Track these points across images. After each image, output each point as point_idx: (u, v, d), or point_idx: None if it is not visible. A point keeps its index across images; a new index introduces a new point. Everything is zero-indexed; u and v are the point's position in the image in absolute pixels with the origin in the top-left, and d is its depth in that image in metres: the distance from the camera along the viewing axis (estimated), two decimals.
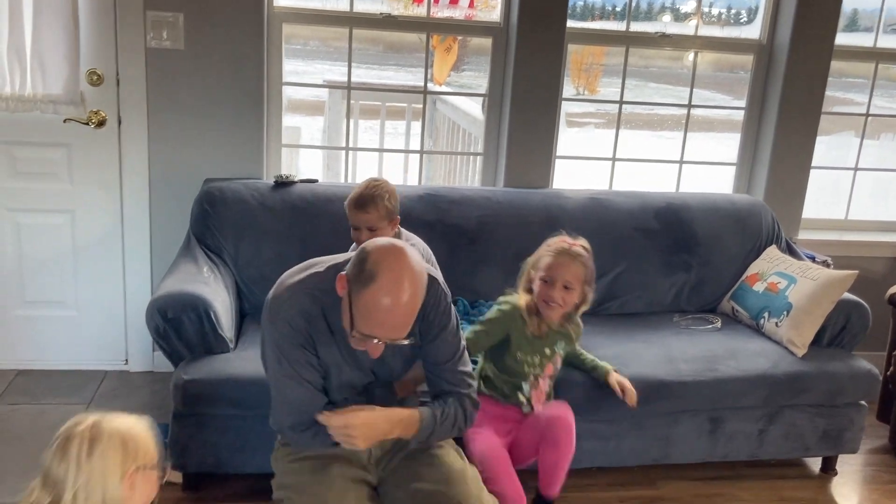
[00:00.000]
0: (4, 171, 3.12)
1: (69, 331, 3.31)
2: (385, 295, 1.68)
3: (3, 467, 2.62)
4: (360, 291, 1.70)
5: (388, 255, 1.71)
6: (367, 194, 2.53)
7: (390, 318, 1.71)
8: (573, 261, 2.32)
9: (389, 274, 1.68)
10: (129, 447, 1.45)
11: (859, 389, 2.81)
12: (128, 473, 1.44)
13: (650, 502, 2.71)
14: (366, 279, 1.69)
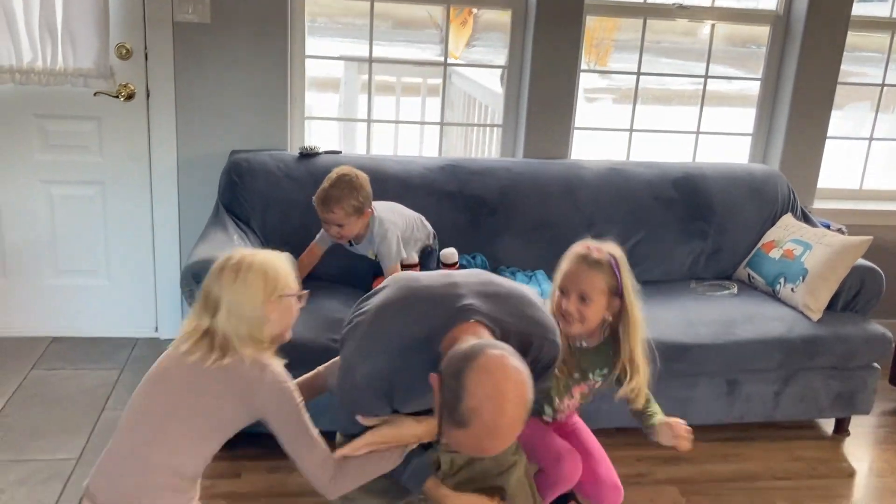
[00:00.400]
0: (37, 143, 3.20)
1: (101, 299, 3.40)
2: (478, 441, 1.55)
3: (43, 426, 2.73)
4: (450, 428, 1.56)
5: (488, 403, 1.50)
6: (333, 195, 2.58)
7: (487, 451, 1.62)
8: (591, 268, 2.03)
9: (487, 423, 1.51)
10: (270, 277, 1.71)
11: (873, 352, 2.88)
12: (269, 299, 1.69)
13: (667, 462, 2.79)
14: (458, 422, 1.52)
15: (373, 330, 1.73)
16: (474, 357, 1.53)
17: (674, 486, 2.66)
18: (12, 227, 3.26)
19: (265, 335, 1.71)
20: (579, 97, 3.55)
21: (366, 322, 1.74)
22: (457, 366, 1.53)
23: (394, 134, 4.35)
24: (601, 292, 2.02)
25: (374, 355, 1.71)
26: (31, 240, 3.29)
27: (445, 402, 1.55)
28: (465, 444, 1.58)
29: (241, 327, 1.67)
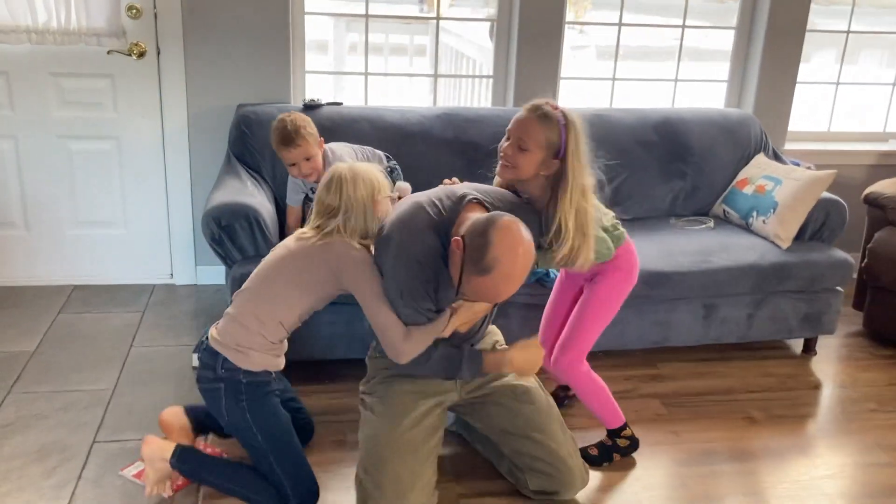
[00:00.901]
0: (54, 101, 3.37)
1: (119, 248, 3.61)
2: (495, 286, 1.89)
3: (78, 361, 2.95)
4: (473, 276, 1.88)
5: (509, 253, 1.86)
6: (291, 130, 2.76)
7: (499, 296, 1.95)
8: (536, 120, 2.11)
9: (505, 270, 1.86)
10: (375, 182, 2.15)
11: (836, 276, 3.15)
12: (375, 198, 2.13)
13: (651, 379, 3.07)
14: (483, 269, 1.86)
15: (402, 234, 2.03)
16: (497, 219, 1.90)
17: (657, 399, 2.93)
18: (33, 182, 3.45)
19: (372, 229, 2.14)
20: (565, 51, 3.75)
21: (393, 231, 2.04)
22: (483, 226, 1.89)
23: (385, 90, 4.53)
24: (538, 145, 2.10)
25: (412, 263, 2.01)
26: (51, 193, 3.48)
27: (470, 256, 1.89)
28: (484, 289, 1.91)
29: (358, 222, 2.11)
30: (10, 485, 2.27)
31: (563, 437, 2.30)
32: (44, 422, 2.57)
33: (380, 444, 2.16)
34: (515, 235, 1.88)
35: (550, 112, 2.12)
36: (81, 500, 2.22)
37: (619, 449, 2.54)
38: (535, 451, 2.25)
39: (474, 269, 1.88)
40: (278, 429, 2.20)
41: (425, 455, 2.17)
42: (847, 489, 2.46)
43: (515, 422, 2.27)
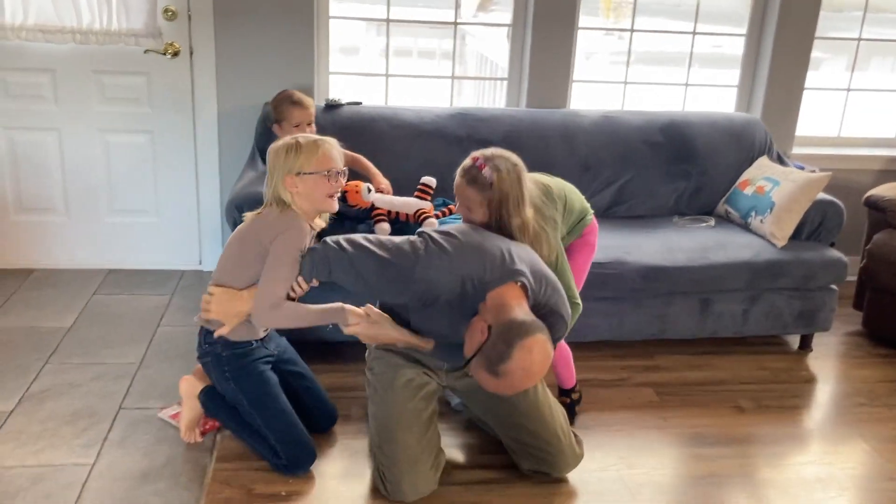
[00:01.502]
0: (95, 97, 3.62)
1: (151, 236, 3.85)
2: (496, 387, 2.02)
3: (110, 338, 3.18)
4: (482, 370, 2.00)
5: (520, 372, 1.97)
6: (300, 94, 3.11)
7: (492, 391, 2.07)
8: (468, 185, 2.28)
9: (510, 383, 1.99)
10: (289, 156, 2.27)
11: (830, 274, 3.26)
12: (288, 175, 2.25)
13: (646, 370, 3.20)
14: (493, 372, 1.98)
15: (453, 252, 2.15)
16: (526, 337, 1.97)
17: (650, 388, 3.06)
18: (75, 172, 3.70)
19: (295, 203, 2.28)
20: (579, 55, 3.90)
21: (450, 244, 2.16)
22: (511, 337, 1.97)
23: (414, 93, 4.71)
24: (478, 204, 2.27)
25: (441, 270, 2.14)
26: (90, 183, 3.73)
27: (488, 354, 1.99)
28: (486, 384, 2.03)
29: (271, 192, 2.29)
30: (44, 442, 2.49)
31: (552, 419, 2.41)
32: (76, 390, 2.80)
33: (386, 419, 2.34)
34: (534, 360, 1.97)
35: (478, 175, 2.26)
36: (106, 459, 2.43)
37: (574, 403, 2.80)
38: (524, 437, 2.40)
39: (486, 365, 1.99)
40: (262, 394, 2.40)
41: (427, 421, 2.35)
42: (825, 474, 2.58)
43: (503, 407, 2.41)
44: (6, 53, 3.48)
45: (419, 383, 2.38)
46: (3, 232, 3.74)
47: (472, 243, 2.18)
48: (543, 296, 2.19)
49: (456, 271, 2.14)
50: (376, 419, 2.38)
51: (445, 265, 2.14)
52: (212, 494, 2.31)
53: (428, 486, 2.33)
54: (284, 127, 3.11)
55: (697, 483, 2.50)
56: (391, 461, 2.30)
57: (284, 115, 3.10)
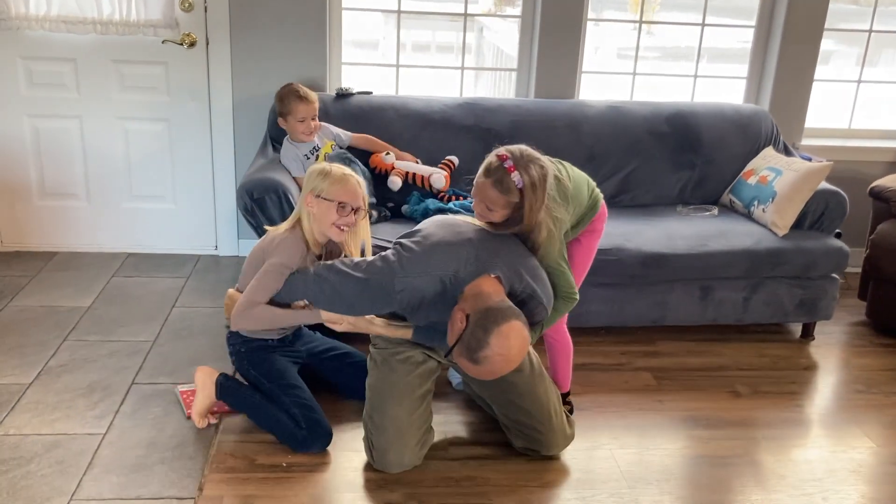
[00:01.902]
0: (114, 85, 3.74)
1: (168, 221, 3.97)
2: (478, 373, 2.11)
3: (126, 317, 3.31)
4: (463, 358, 2.09)
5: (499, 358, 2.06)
6: (305, 90, 3.23)
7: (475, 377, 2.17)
8: (493, 187, 2.21)
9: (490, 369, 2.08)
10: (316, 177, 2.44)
11: (830, 263, 3.28)
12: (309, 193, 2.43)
13: (646, 355, 3.25)
14: (472, 360, 2.07)
15: (424, 256, 2.22)
16: (502, 323, 2.05)
17: (648, 372, 3.12)
18: (95, 158, 3.83)
19: (307, 222, 2.45)
20: (594, 47, 3.95)
21: (420, 248, 2.24)
22: (489, 324, 2.05)
23: (427, 85, 4.79)
24: (502, 206, 2.23)
25: (418, 275, 2.22)
26: (109, 169, 3.86)
27: (467, 342, 2.07)
28: (467, 370, 2.13)
29: (297, 205, 2.51)
30: (60, 413, 2.61)
31: (547, 400, 2.48)
32: (92, 364, 2.92)
33: (380, 390, 2.43)
34: (511, 345, 2.05)
35: (505, 178, 2.19)
36: (118, 429, 2.55)
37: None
38: (517, 416, 2.47)
39: (466, 353, 2.08)
40: (282, 370, 2.56)
41: (420, 397, 2.43)
42: (816, 457, 2.62)
43: (499, 386, 2.47)
44: (30, 43, 3.62)
45: (417, 361, 2.46)
46: (28, 216, 3.89)
47: (443, 242, 2.25)
48: (521, 284, 2.25)
49: (432, 272, 2.22)
50: (371, 389, 2.47)
51: (421, 270, 2.22)
52: (216, 464, 2.41)
53: (412, 460, 2.42)
54: (290, 121, 3.25)
55: (687, 463, 2.55)
56: (380, 431, 2.40)
57: (289, 109, 3.23)
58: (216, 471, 2.38)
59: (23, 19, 3.51)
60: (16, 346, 3.02)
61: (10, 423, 2.54)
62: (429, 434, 2.48)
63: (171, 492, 2.27)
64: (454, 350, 2.13)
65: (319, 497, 2.30)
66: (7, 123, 3.73)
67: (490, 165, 2.23)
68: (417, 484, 2.38)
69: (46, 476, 2.30)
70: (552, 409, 2.49)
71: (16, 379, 2.80)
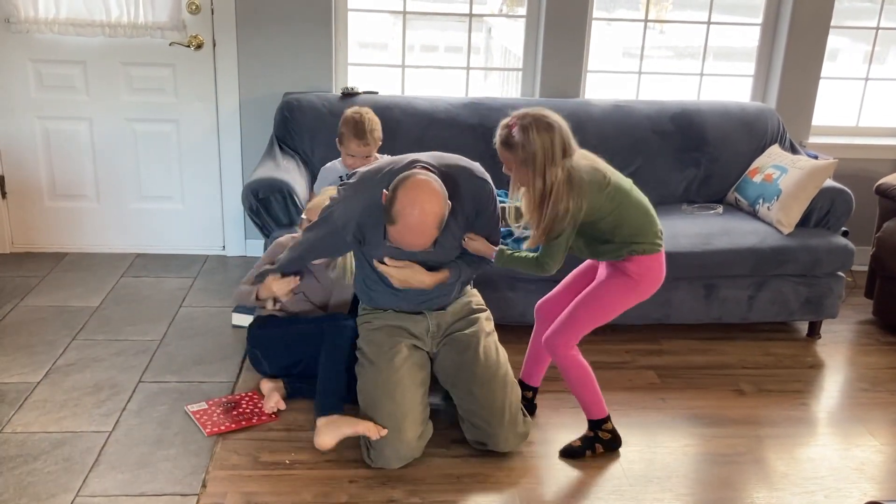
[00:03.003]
0: (123, 87, 3.78)
1: (176, 221, 4.00)
2: (401, 235, 2.21)
3: (133, 317, 3.34)
4: (388, 224, 2.22)
5: (409, 207, 2.16)
6: (367, 128, 3.02)
7: (411, 245, 2.26)
8: (503, 148, 2.36)
9: (407, 222, 2.17)
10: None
11: (836, 261, 3.27)
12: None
13: (650, 353, 3.26)
14: (390, 220, 2.20)
15: (353, 193, 2.40)
16: (409, 177, 2.21)
17: (652, 370, 3.12)
18: (104, 160, 3.87)
19: None
20: (605, 46, 3.95)
21: (350, 189, 2.42)
22: (395, 182, 2.22)
23: (434, 85, 4.80)
24: (518, 164, 2.32)
25: (350, 210, 2.39)
26: (118, 170, 3.90)
27: (385, 207, 2.22)
28: (395, 235, 2.24)
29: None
30: (67, 411, 2.65)
31: (501, 393, 2.47)
32: (100, 363, 2.96)
33: (372, 388, 2.46)
34: (418, 193, 2.17)
35: (509, 137, 2.32)
36: (124, 427, 2.58)
37: (601, 441, 2.57)
38: (471, 405, 2.48)
39: (387, 218, 2.22)
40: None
41: (413, 390, 2.45)
42: (817, 455, 2.61)
43: (460, 374, 2.50)
44: (40, 46, 3.66)
45: (404, 355, 2.49)
46: (38, 217, 3.93)
47: (372, 169, 2.43)
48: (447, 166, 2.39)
49: (362, 195, 2.38)
50: (362, 392, 2.50)
51: (351, 194, 2.40)
52: (219, 461, 2.43)
53: (411, 452, 2.42)
54: (342, 149, 3.11)
55: (691, 460, 2.55)
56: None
57: (343, 141, 3.09)
58: (220, 468, 2.40)
59: (32, 22, 3.56)
60: (25, 345, 3.06)
61: (18, 421, 2.58)
62: (427, 426, 2.49)
63: (176, 488, 2.30)
64: (386, 227, 2.25)
65: (322, 494, 2.32)
66: (17, 125, 3.78)
67: (499, 132, 2.39)
68: (419, 481, 2.40)
69: (52, 473, 2.34)
70: (506, 406, 2.48)
71: (24, 377, 2.84)
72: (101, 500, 2.24)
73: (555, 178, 2.28)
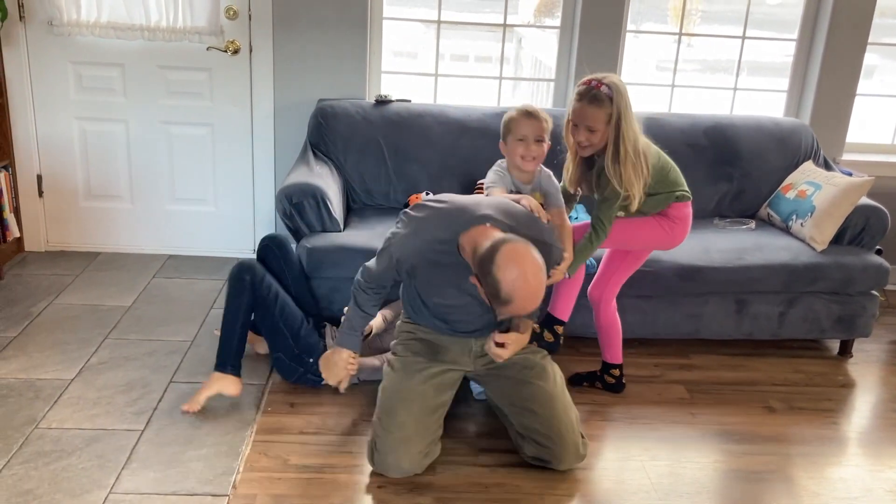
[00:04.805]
0: (160, 90, 3.83)
1: (208, 224, 4.04)
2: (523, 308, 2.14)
3: (165, 317, 3.37)
4: (501, 307, 2.14)
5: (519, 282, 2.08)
6: (535, 109, 2.64)
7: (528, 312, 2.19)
8: (591, 104, 2.52)
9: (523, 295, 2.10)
10: None
11: (870, 280, 3.24)
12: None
13: (680, 368, 3.24)
14: (505, 302, 2.11)
15: (409, 232, 2.36)
16: (492, 258, 2.10)
17: (682, 385, 3.10)
18: (139, 161, 3.92)
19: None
20: (637, 59, 3.95)
21: (407, 228, 2.38)
22: (485, 267, 2.12)
23: (465, 95, 4.83)
24: (602, 123, 2.54)
25: (406, 248, 2.36)
26: (153, 172, 3.94)
27: (489, 294, 2.15)
28: (514, 312, 2.17)
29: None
30: (99, 409, 2.68)
31: (565, 415, 2.47)
32: (132, 363, 2.99)
33: (393, 393, 2.46)
34: (519, 266, 2.08)
35: (598, 93, 2.53)
36: (155, 426, 2.61)
37: (604, 382, 2.98)
38: (534, 423, 2.47)
39: (499, 302, 2.14)
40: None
41: (432, 409, 2.45)
42: (851, 475, 2.58)
43: (521, 394, 2.49)
44: (80, 49, 3.72)
45: (434, 372, 2.49)
46: (73, 217, 3.99)
47: (433, 209, 2.37)
48: (524, 227, 2.32)
49: (418, 237, 2.34)
50: (384, 392, 2.50)
51: (407, 233, 2.36)
52: (249, 462, 2.45)
53: (412, 467, 2.42)
54: (509, 142, 2.67)
55: (720, 476, 2.54)
56: (385, 433, 2.40)
57: (512, 129, 2.65)
58: (250, 469, 2.42)
59: (74, 25, 3.62)
60: (59, 342, 3.10)
61: (53, 417, 2.61)
62: (435, 446, 2.48)
63: (206, 489, 2.32)
64: (496, 310, 2.19)
65: (350, 499, 2.33)
66: (57, 126, 3.84)
67: (580, 91, 2.57)
68: (447, 489, 2.40)
69: (87, 469, 2.36)
70: (569, 425, 2.48)
71: (59, 374, 2.88)
72: (133, 497, 2.26)
73: (638, 132, 2.54)
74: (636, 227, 2.78)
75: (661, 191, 2.72)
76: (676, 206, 2.77)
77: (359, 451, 2.54)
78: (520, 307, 2.14)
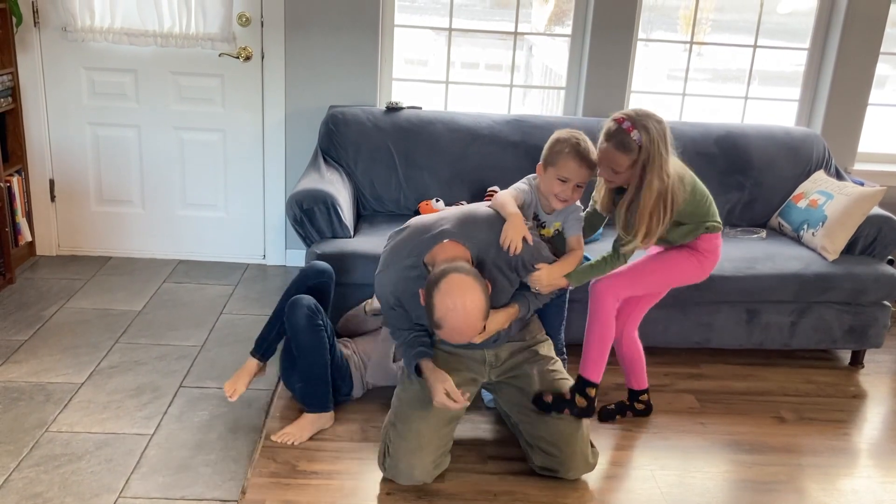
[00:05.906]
0: (172, 96, 3.85)
1: (219, 229, 4.06)
2: (450, 336, 2.22)
3: (175, 322, 3.39)
4: (434, 328, 2.23)
5: (450, 314, 2.15)
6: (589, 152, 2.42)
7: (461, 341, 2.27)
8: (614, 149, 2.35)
9: (452, 325, 2.18)
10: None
11: (882, 290, 3.22)
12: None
13: (690, 377, 3.22)
14: (436, 325, 2.21)
15: (383, 268, 2.44)
16: (437, 282, 2.19)
17: (692, 394, 3.09)
18: (151, 167, 3.94)
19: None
20: (648, 68, 3.95)
21: (381, 265, 2.46)
22: (429, 288, 2.22)
23: (475, 102, 4.84)
24: (627, 167, 2.37)
25: (384, 285, 2.43)
26: (164, 177, 3.96)
27: (427, 310, 2.23)
28: (445, 337, 2.25)
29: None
30: (110, 412, 2.69)
31: (574, 424, 2.47)
32: (142, 367, 3.00)
33: (410, 402, 2.45)
34: (455, 297, 2.15)
35: (626, 139, 2.34)
36: (165, 430, 2.61)
37: (634, 409, 2.87)
38: (542, 432, 2.46)
39: (432, 322, 2.23)
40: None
41: (447, 420, 2.44)
42: (863, 487, 2.56)
43: (530, 402, 2.49)
44: (94, 54, 3.75)
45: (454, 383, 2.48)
46: (85, 221, 4.01)
47: (401, 239, 2.42)
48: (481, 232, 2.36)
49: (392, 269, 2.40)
50: (399, 399, 2.49)
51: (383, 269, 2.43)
52: (258, 468, 2.45)
53: (423, 476, 2.40)
54: (549, 173, 2.46)
55: (730, 486, 2.52)
56: (399, 439, 2.40)
57: (555, 161, 2.43)
58: (259, 475, 2.42)
59: (87, 31, 3.64)
60: (70, 346, 3.12)
61: (63, 421, 2.62)
62: (445, 457, 2.47)
63: (215, 494, 2.32)
64: (431, 327, 2.25)
65: None
66: (69, 131, 3.86)
67: (609, 130, 2.38)
68: (455, 496, 2.39)
69: (96, 473, 2.37)
70: (580, 434, 2.47)
71: (69, 378, 2.89)
72: (142, 501, 2.27)
73: (668, 176, 2.37)
74: (666, 270, 2.66)
75: (691, 221, 2.58)
76: (706, 237, 2.61)
77: (367, 458, 2.54)
78: (447, 335, 2.23)
